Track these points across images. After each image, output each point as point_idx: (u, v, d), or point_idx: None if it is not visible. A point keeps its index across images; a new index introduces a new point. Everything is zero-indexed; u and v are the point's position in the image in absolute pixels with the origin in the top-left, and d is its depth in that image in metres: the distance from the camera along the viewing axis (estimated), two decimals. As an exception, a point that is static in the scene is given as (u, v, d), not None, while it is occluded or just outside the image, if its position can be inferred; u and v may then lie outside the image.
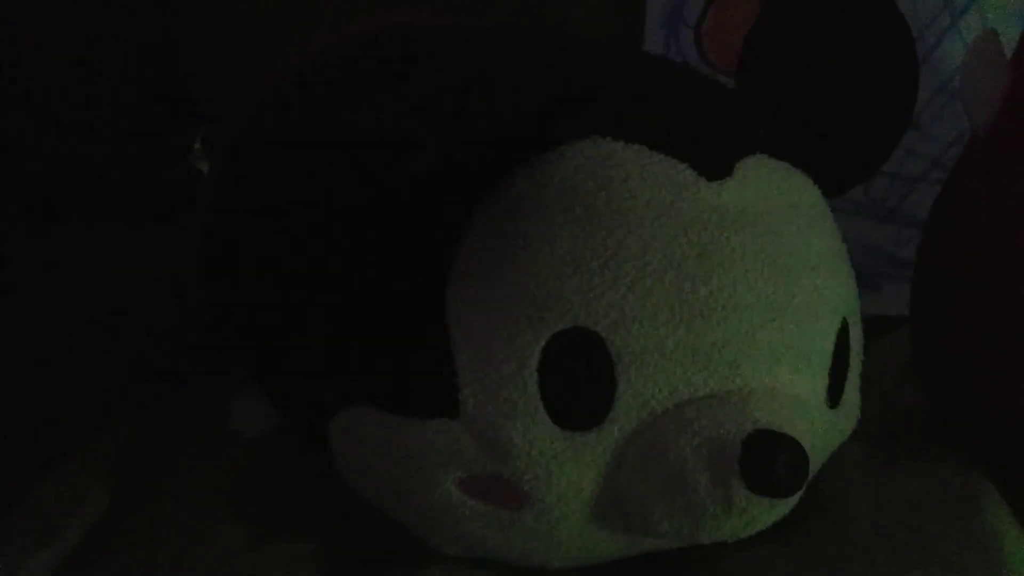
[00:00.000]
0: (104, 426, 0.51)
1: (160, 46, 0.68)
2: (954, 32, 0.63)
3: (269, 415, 0.48)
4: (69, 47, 0.66)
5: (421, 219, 0.38)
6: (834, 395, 0.40)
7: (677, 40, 0.64)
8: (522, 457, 0.37)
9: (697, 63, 0.64)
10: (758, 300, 0.37)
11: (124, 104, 0.68)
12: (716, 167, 0.39)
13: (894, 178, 0.64)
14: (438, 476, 0.38)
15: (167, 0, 0.67)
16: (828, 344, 0.40)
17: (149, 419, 0.52)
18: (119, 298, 0.59)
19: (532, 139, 0.38)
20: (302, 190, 0.41)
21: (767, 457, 0.35)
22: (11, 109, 0.66)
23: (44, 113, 0.66)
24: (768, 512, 0.37)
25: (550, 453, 0.37)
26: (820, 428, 0.39)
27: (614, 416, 0.37)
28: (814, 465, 0.39)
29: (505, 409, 0.37)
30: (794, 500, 0.38)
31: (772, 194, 0.39)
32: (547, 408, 0.37)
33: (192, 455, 0.50)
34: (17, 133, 0.66)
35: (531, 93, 0.38)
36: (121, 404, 0.53)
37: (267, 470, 0.49)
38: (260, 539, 0.45)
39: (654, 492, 0.37)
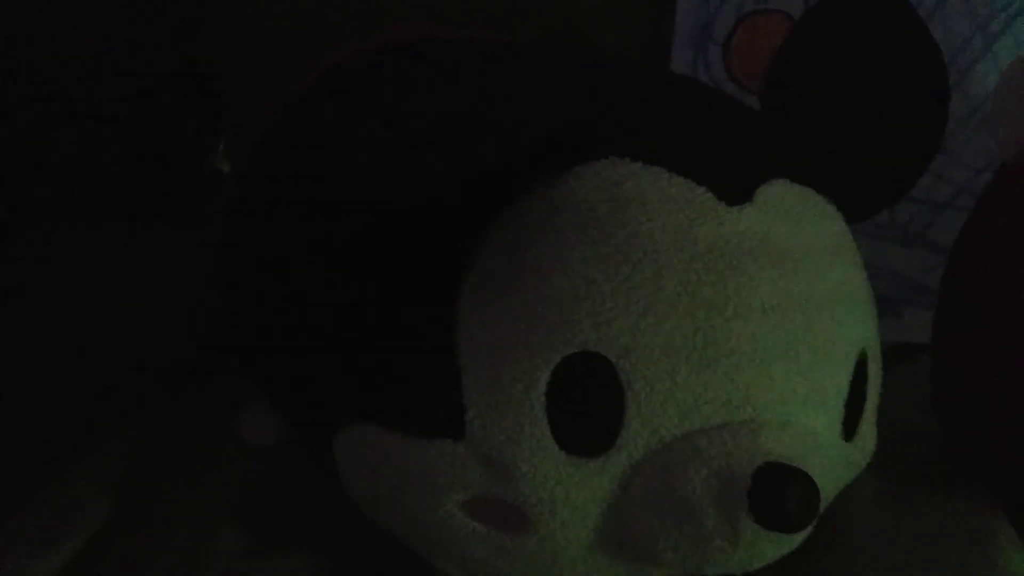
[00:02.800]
0: (110, 432, 0.51)
1: (187, 43, 0.68)
2: (988, 56, 0.62)
3: (278, 426, 0.47)
4: (94, 45, 0.66)
5: (433, 237, 0.37)
6: (849, 428, 0.40)
7: (705, 57, 0.63)
8: (527, 481, 0.36)
9: (724, 81, 0.63)
10: (773, 331, 0.36)
11: (147, 102, 0.68)
12: (736, 192, 0.38)
13: (920, 203, 0.63)
14: (441, 497, 0.37)
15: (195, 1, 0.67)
16: (844, 378, 0.39)
17: (156, 426, 0.52)
18: (130, 302, 0.58)
19: (548, 158, 0.37)
20: (315, 204, 0.40)
21: (777, 491, 0.35)
22: (33, 105, 0.65)
23: (63, 109, 0.66)
24: (776, 546, 0.36)
25: (555, 478, 0.36)
26: (834, 462, 0.39)
27: (622, 443, 0.36)
28: (826, 499, 0.38)
29: (511, 432, 0.36)
30: (804, 535, 0.37)
31: (793, 221, 0.38)
32: (554, 432, 0.36)
33: (198, 464, 0.49)
34: (36, 130, 0.66)
35: (548, 112, 0.37)
36: (129, 410, 0.52)
37: (274, 481, 0.49)
38: (264, 552, 0.44)
39: (660, 522, 0.36)
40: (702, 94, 0.43)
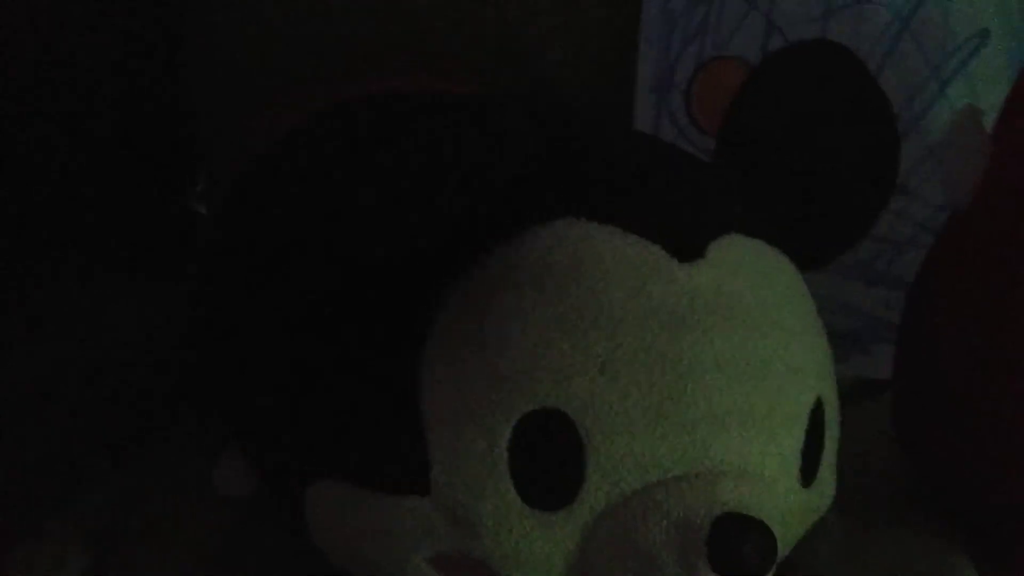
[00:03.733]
0: (89, 482, 0.51)
1: (163, 85, 0.68)
2: (942, 99, 0.63)
3: (252, 477, 0.48)
4: (69, 84, 0.67)
5: (394, 297, 0.38)
6: (808, 474, 0.41)
7: (667, 104, 0.65)
8: (491, 536, 0.37)
9: (687, 127, 0.65)
10: (729, 383, 0.37)
11: (121, 144, 0.68)
12: (688, 248, 0.39)
13: (883, 241, 0.64)
14: (408, 553, 0.38)
15: (171, 40, 0.68)
16: (800, 425, 0.40)
17: (134, 477, 0.52)
18: (107, 352, 0.59)
19: (506, 219, 0.38)
20: (276, 263, 0.41)
21: (734, 541, 0.36)
22: (3, 148, 0.66)
23: (36, 149, 0.66)
24: (737, 594, 0.37)
25: (519, 532, 0.37)
26: (792, 508, 0.40)
27: (583, 496, 0.37)
28: (784, 546, 0.39)
29: (475, 488, 0.37)
30: (764, 582, 0.38)
31: (745, 274, 0.40)
32: (517, 487, 0.37)
33: (177, 515, 0.50)
34: (10, 173, 0.66)
35: (506, 172, 0.39)
36: (107, 460, 0.53)
37: (251, 532, 0.49)
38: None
39: (623, 573, 0.37)
40: (657, 151, 0.44)
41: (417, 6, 0.65)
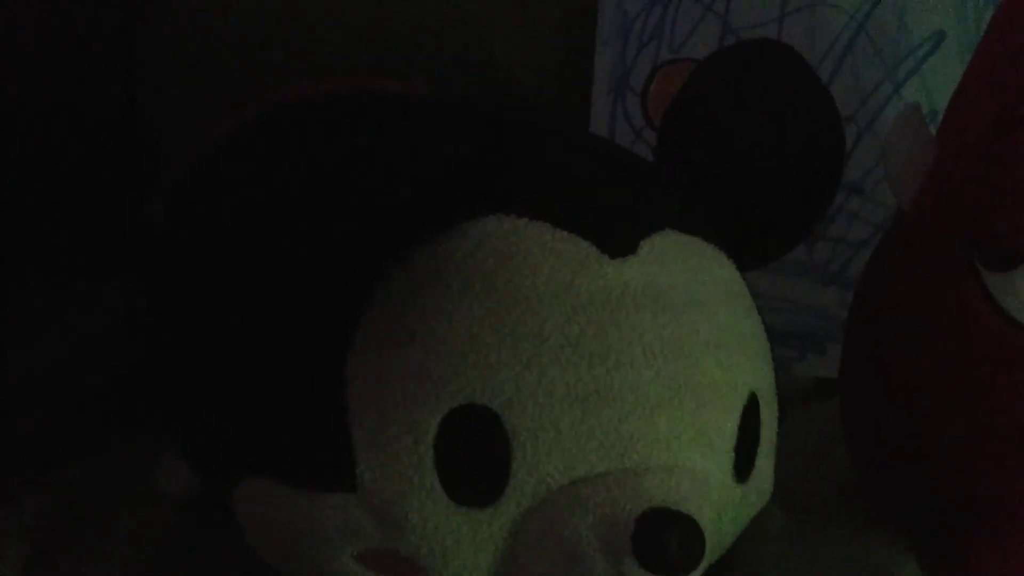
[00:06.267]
0: (30, 481, 0.51)
1: (122, 90, 0.68)
2: (896, 100, 0.63)
3: (194, 476, 0.48)
4: (26, 88, 0.67)
5: (321, 293, 0.38)
6: (742, 470, 0.40)
7: (624, 105, 0.65)
8: (417, 533, 0.37)
9: (643, 127, 0.65)
10: (656, 378, 0.37)
11: (80, 153, 0.68)
12: (619, 244, 0.39)
13: (839, 242, 0.64)
14: (336, 550, 0.38)
15: (128, 40, 0.68)
16: (732, 422, 0.39)
17: (75, 475, 0.52)
18: (51, 351, 0.59)
19: (433, 215, 0.38)
20: (209, 258, 0.41)
21: (660, 536, 0.35)
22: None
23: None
24: (668, 590, 0.37)
25: (446, 529, 0.37)
26: (725, 504, 0.39)
27: (510, 493, 0.37)
28: (718, 541, 0.39)
29: (401, 484, 0.37)
30: (694, 576, 0.38)
31: (678, 270, 0.40)
32: (443, 484, 0.37)
33: (116, 513, 0.50)
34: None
35: (434, 168, 0.38)
36: (47, 459, 0.53)
37: (191, 530, 0.49)
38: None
39: (551, 569, 0.37)
40: (593, 148, 0.44)
41: (374, 7, 0.65)
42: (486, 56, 0.65)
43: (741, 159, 0.44)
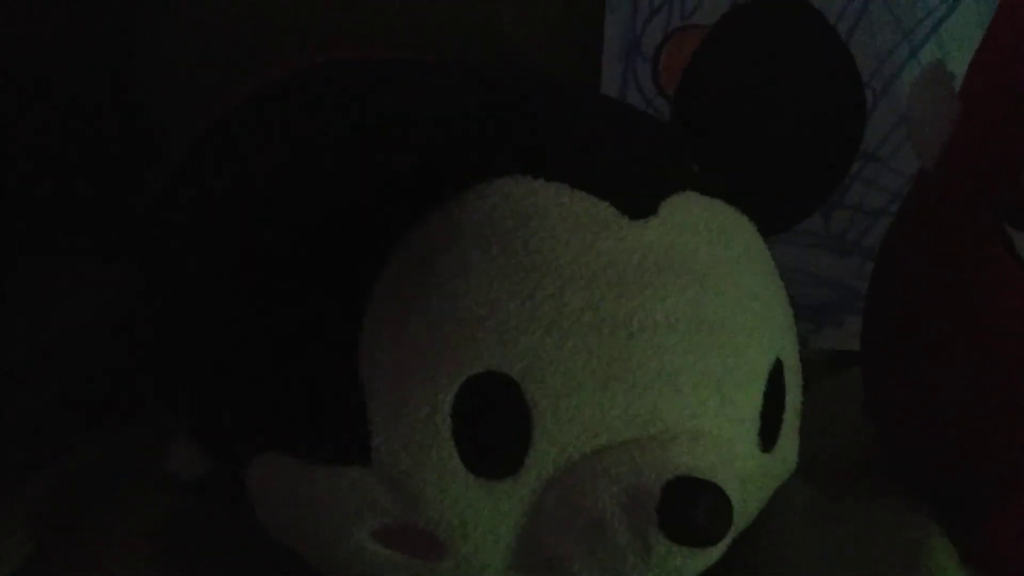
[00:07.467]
0: (35, 466, 0.50)
1: (119, 71, 0.67)
2: (913, 63, 0.62)
3: (204, 459, 0.47)
4: (25, 75, 0.66)
5: (335, 261, 0.37)
6: (768, 439, 0.39)
7: (634, 72, 0.63)
8: (436, 506, 0.36)
9: (654, 96, 0.63)
10: (680, 343, 0.36)
11: (79, 133, 0.67)
12: (639, 205, 0.37)
13: (855, 211, 0.63)
14: (352, 526, 0.37)
15: (124, 34, 0.67)
16: (758, 386, 0.38)
17: (83, 459, 0.51)
18: (59, 333, 0.58)
19: (450, 177, 0.37)
20: (223, 228, 0.40)
21: (686, 505, 0.34)
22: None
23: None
24: (693, 561, 0.36)
25: (464, 502, 0.36)
26: (751, 473, 0.38)
27: (530, 463, 0.35)
28: (743, 511, 0.38)
29: (418, 456, 0.35)
30: (721, 548, 0.36)
31: (699, 233, 0.38)
32: (461, 455, 0.35)
33: (125, 497, 0.49)
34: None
35: (450, 130, 0.37)
36: (56, 442, 0.52)
37: (201, 515, 0.48)
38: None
39: (573, 541, 0.36)
40: (610, 109, 0.43)
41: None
42: (494, 24, 0.64)
43: (758, 121, 0.43)
